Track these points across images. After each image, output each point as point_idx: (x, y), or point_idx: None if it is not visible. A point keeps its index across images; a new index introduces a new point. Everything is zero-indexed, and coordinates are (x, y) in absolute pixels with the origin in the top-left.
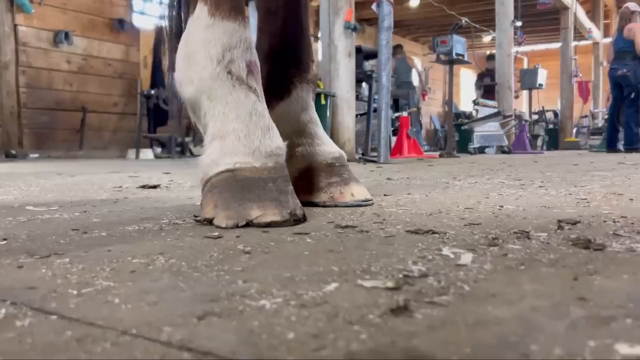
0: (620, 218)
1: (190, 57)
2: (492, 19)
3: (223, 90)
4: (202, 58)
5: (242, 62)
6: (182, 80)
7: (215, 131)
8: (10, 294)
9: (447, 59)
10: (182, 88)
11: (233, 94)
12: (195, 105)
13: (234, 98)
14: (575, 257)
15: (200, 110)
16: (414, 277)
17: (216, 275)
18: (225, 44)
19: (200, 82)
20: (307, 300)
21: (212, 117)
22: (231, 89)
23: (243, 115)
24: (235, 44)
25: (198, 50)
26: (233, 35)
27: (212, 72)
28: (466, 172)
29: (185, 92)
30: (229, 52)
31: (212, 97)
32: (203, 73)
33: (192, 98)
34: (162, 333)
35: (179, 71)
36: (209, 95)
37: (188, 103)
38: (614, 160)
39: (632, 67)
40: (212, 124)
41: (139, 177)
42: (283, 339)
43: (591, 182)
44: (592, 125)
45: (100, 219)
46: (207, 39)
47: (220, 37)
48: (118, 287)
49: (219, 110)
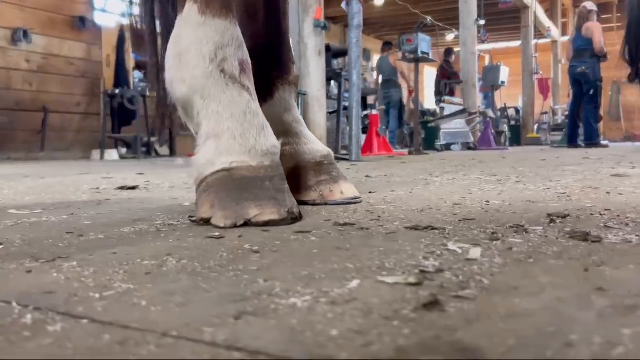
0: (605, 211)
1: (181, 56)
2: (455, 17)
3: (216, 89)
4: (194, 57)
5: (235, 60)
6: (174, 80)
7: (210, 130)
8: (30, 299)
9: (412, 57)
10: (174, 87)
11: (227, 92)
12: (187, 104)
13: (228, 97)
14: (577, 249)
15: (193, 110)
16: (431, 273)
17: (234, 275)
18: (218, 42)
19: (192, 81)
20: (335, 297)
21: (205, 116)
22: (225, 88)
23: (237, 113)
24: (227, 42)
25: (189, 49)
26: (225, 33)
27: (205, 70)
28: (440, 169)
29: (177, 92)
30: (222, 50)
31: (206, 96)
32: (195, 72)
33: (185, 97)
34: (203, 334)
35: (170, 70)
36: (202, 94)
37: (180, 102)
38: (578, 156)
39: (590, 64)
40: (205, 123)
41: (112, 178)
42: (327, 336)
43: (564, 176)
44: (552, 122)
45: (91, 222)
46: (199, 37)
47: (212, 35)
48: (139, 290)
49: (213, 109)
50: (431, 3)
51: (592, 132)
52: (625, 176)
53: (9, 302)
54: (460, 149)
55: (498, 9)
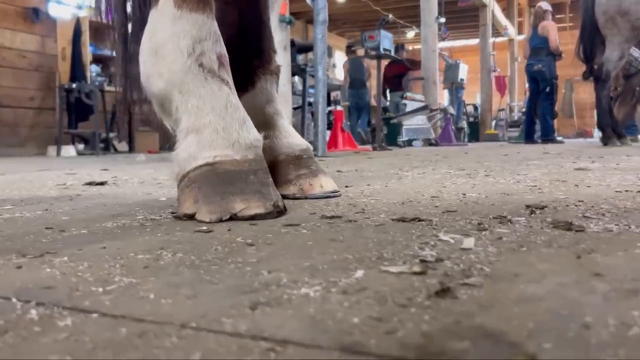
0: (579, 202)
1: (157, 51)
2: (416, 15)
3: (195, 83)
4: (171, 51)
5: (213, 54)
6: (150, 75)
7: (190, 125)
8: (29, 294)
9: (375, 54)
10: (150, 82)
11: (206, 86)
12: (165, 99)
13: (208, 91)
14: (564, 238)
15: (171, 105)
16: (432, 262)
17: (235, 267)
18: (195, 36)
19: (170, 76)
20: (345, 287)
21: (185, 111)
22: (204, 82)
23: (218, 107)
24: (205, 36)
25: (166, 43)
26: (202, 27)
27: (183, 65)
28: (408, 163)
29: (154, 87)
30: (199, 44)
31: (184, 90)
32: (173, 66)
33: (162, 92)
34: (224, 325)
35: (146, 65)
36: (180, 89)
37: (156, 97)
38: (538, 151)
39: (546, 62)
40: (185, 118)
41: (76, 174)
42: (350, 323)
43: (530, 170)
44: (509, 118)
45: (68, 217)
46: (175, 31)
47: (189, 29)
48: (142, 283)
49: (192, 103)
50: (392, 0)
51: (548, 128)
52: (588, 170)
53: (8, 297)
54: (422, 144)
55: (457, 7)
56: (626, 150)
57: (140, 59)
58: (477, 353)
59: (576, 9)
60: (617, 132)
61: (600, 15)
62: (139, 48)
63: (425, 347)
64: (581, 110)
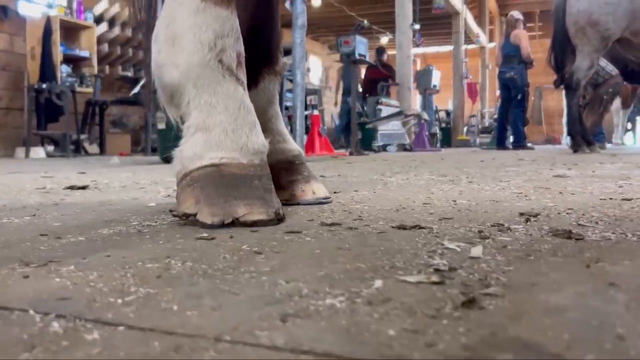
0: (568, 210)
1: (175, 41)
2: (390, 21)
3: (212, 80)
4: (190, 43)
5: (233, 52)
6: (164, 63)
7: (200, 122)
8: (46, 306)
9: (350, 59)
10: (163, 72)
11: (222, 84)
12: (176, 91)
13: (224, 89)
14: (566, 247)
15: (182, 98)
16: (446, 271)
17: (251, 277)
18: (217, 30)
19: (187, 68)
20: (368, 297)
21: (196, 106)
22: (221, 79)
23: (232, 108)
24: (227, 32)
25: (185, 34)
26: (225, 22)
27: (202, 59)
28: (388, 169)
29: (167, 76)
30: (221, 40)
31: (199, 85)
32: (192, 59)
33: (175, 83)
34: (259, 338)
35: (160, 54)
36: (195, 83)
37: (167, 88)
38: (512, 157)
39: (518, 70)
40: (195, 114)
41: (53, 177)
42: (387, 336)
43: (511, 177)
44: (480, 125)
45: (60, 223)
46: (197, 23)
47: (212, 23)
48: (160, 293)
49: (205, 100)
50: (367, 6)
51: (519, 134)
52: (566, 177)
53: (25, 309)
54: (396, 150)
55: (431, 14)
56: (596, 158)
57: (153, 46)
58: None
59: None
60: (587, 140)
61: (571, 26)
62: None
63: None
64: (550, 117)
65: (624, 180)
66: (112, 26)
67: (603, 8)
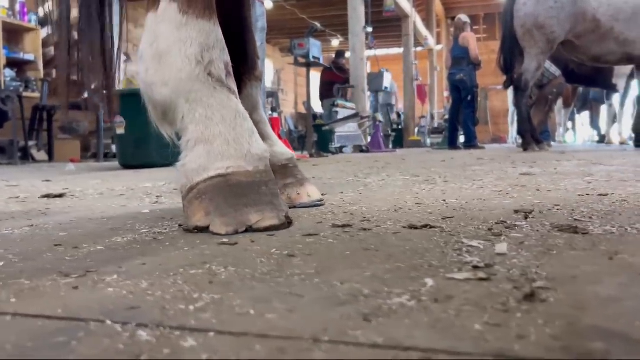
0: (555, 206)
1: (162, 58)
2: (342, 24)
3: (204, 93)
4: (177, 59)
5: (221, 63)
6: (153, 82)
7: (199, 135)
8: (119, 315)
9: (304, 62)
10: (153, 90)
11: (215, 96)
12: (169, 108)
13: (217, 100)
14: (578, 241)
15: (176, 114)
16: (484, 268)
17: (301, 280)
18: (203, 43)
19: (177, 84)
20: (431, 295)
21: (192, 120)
22: (213, 91)
23: (229, 118)
24: (212, 44)
25: (170, 50)
26: (210, 34)
27: (191, 73)
28: (358, 170)
29: (157, 95)
30: (208, 52)
31: (192, 99)
32: (180, 74)
33: (167, 101)
34: (358, 337)
35: (148, 72)
36: (187, 98)
37: (160, 106)
38: (470, 156)
39: (467, 71)
40: (193, 128)
41: (19, 186)
42: (475, 330)
43: (481, 176)
44: (430, 125)
45: (65, 233)
46: (182, 38)
47: (197, 36)
48: (227, 299)
49: (200, 113)
50: (318, 9)
51: (470, 134)
52: (533, 174)
53: (101, 320)
54: (352, 151)
55: (382, 17)
56: (548, 156)
57: (140, 66)
58: (619, 352)
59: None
60: (536, 139)
61: (518, 28)
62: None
63: (569, 349)
64: (495, 117)
65: (589, 177)
66: None
67: (548, 12)
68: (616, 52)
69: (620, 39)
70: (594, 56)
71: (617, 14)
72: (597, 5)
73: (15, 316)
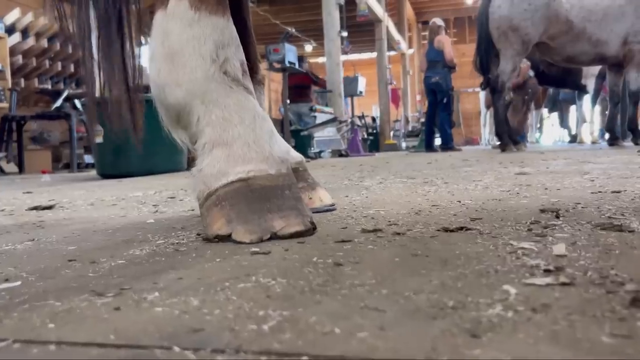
0: (576, 204)
1: (174, 58)
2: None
3: (220, 93)
4: (190, 57)
5: (237, 61)
6: (165, 84)
7: (216, 138)
8: (184, 340)
9: (280, 67)
10: (166, 92)
11: (232, 96)
12: (183, 111)
13: (234, 101)
14: (631, 239)
15: (191, 117)
16: (555, 271)
17: (367, 291)
18: (217, 41)
19: (191, 85)
20: (524, 304)
21: (209, 123)
22: (229, 91)
23: (247, 119)
24: (227, 42)
25: (183, 49)
26: (224, 31)
27: (206, 73)
28: (349, 174)
29: (171, 97)
30: (223, 50)
31: (207, 100)
32: (195, 75)
33: (181, 102)
34: (477, 356)
35: (160, 74)
36: (202, 99)
37: (173, 108)
38: (452, 158)
39: (443, 74)
40: (209, 131)
41: (0, 199)
42: (605, 343)
43: (478, 177)
44: (405, 129)
45: (75, 247)
46: (195, 36)
47: (211, 33)
48: (297, 315)
49: (217, 115)
50: (292, 14)
51: (447, 137)
52: (529, 174)
53: (167, 347)
54: (330, 155)
55: (356, 22)
56: (528, 156)
57: (150, 67)
58: None
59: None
60: (513, 139)
61: (494, 31)
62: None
63: None
64: (467, 119)
65: (587, 175)
66: (25, 37)
67: (522, 14)
68: (589, 52)
69: (593, 39)
70: (568, 57)
71: (589, 15)
72: (569, 7)
73: (60, 345)
